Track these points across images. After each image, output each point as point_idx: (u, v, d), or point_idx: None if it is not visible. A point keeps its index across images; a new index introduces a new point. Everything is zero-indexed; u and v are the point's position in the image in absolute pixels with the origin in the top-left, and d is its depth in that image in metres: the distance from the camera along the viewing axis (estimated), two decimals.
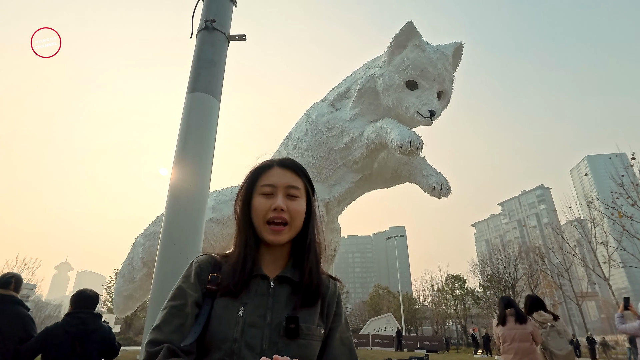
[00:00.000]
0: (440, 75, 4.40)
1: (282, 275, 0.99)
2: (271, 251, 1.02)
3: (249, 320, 0.89)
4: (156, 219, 6.61)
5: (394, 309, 41.58)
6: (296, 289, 0.98)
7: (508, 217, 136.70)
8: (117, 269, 9.91)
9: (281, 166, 1.05)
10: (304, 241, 1.03)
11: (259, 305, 0.92)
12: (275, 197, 0.99)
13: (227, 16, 2.78)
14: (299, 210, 1.00)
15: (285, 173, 1.03)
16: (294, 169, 1.05)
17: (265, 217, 0.98)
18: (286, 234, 0.99)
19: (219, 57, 2.59)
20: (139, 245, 6.69)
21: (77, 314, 3.02)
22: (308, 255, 1.02)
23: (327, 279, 1.06)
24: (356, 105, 4.84)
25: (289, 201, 1.00)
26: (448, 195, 4.51)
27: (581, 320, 36.07)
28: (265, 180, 1.02)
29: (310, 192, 1.06)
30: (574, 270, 29.89)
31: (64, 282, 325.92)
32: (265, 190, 1.00)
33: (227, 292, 0.92)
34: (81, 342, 2.89)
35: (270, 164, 1.06)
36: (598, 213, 21.62)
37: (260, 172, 1.04)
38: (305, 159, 5.07)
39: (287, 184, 1.01)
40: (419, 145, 3.99)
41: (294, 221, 0.99)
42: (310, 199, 1.06)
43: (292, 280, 0.99)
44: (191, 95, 2.43)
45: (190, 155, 2.27)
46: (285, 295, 0.97)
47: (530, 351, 3.72)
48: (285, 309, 0.94)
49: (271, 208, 0.97)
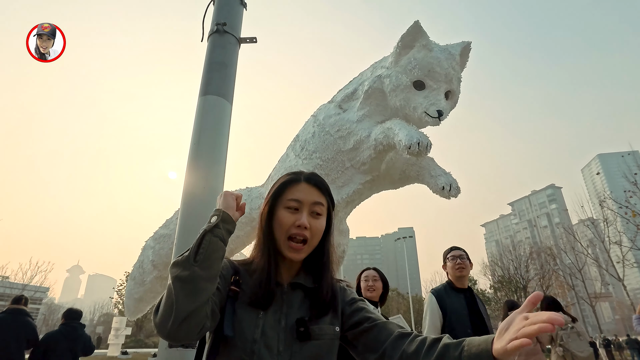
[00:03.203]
0: (447, 75, 4.37)
1: (295, 282, 1.02)
2: (288, 261, 1.04)
3: (267, 323, 0.93)
4: (166, 222, 6.66)
5: (403, 310, 41.34)
6: (308, 294, 1.01)
7: (518, 217, 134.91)
8: (128, 272, 10.04)
9: (308, 182, 1.06)
10: (319, 257, 1.05)
11: (275, 310, 0.96)
12: (300, 213, 1.01)
13: (237, 19, 2.81)
14: (319, 229, 1.03)
15: (312, 190, 1.05)
16: (320, 186, 1.07)
17: (288, 232, 1.00)
18: (304, 252, 1.01)
19: (230, 59, 2.62)
20: (149, 248, 6.75)
21: (70, 323, 4.68)
22: (326, 272, 1.04)
23: (335, 284, 1.08)
24: (363, 107, 4.83)
25: (312, 219, 1.02)
26: (457, 196, 4.47)
27: (595, 322, 35.43)
28: (291, 194, 1.03)
29: (331, 210, 1.09)
30: (587, 270, 29.42)
31: (76, 285, 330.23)
32: (291, 205, 1.02)
33: (253, 302, 0.95)
34: (72, 344, 4.39)
35: (297, 178, 1.07)
36: (611, 212, 21.23)
37: (287, 186, 1.05)
38: (312, 160, 5.07)
39: (313, 201, 1.03)
40: (427, 146, 3.97)
41: (312, 239, 1.01)
42: (330, 215, 1.08)
43: (304, 286, 1.02)
44: (203, 98, 2.45)
45: (204, 158, 2.29)
46: (297, 301, 1.00)
47: (535, 352, 3.75)
48: (298, 313, 0.97)
49: (295, 224, 0.99)
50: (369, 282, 2.95)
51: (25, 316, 4.35)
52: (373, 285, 2.94)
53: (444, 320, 2.79)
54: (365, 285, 2.96)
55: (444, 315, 2.80)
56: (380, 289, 2.96)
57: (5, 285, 27.70)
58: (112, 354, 22.67)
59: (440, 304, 2.85)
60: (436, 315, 2.81)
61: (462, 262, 3.01)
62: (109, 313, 49.06)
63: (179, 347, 1.84)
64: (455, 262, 3.03)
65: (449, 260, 3.09)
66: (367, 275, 3.03)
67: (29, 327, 4.27)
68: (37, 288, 28.09)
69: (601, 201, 21.33)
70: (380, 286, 2.97)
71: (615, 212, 20.24)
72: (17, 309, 4.33)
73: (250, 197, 5.92)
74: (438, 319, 2.80)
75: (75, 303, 70.01)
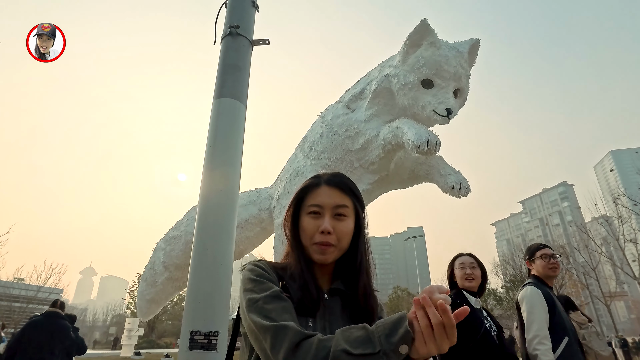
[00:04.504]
0: (456, 73, 4.33)
1: (334, 287, 0.99)
2: (319, 266, 1.01)
3: (316, 331, 0.88)
4: (176, 223, 6.73)
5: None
6: (346, 302, 0.98)
7: (529, 216, 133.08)
8: (140, 274, 10.18)
9: (329, 184, 1.02)
10: (352, 261, 1.01)
11: (320, 318, 0.93)
12: (322, 217, 0.97)
13: (250, 21, 2.83)
14: (345, 231, 0.98)
15: (333, 192, 1.00)
16: (342, 187, 1.02)
17: (313, 239, 0.97)
18: (332, 254, 0.97)
19: (243, 62, 2.63)
20: (160, 249, 6.82)
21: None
22: (360, 275, 1.00)
23: (374, 292, 1.04)
24: (371, 106, 4.81)
25: (336, 222, 0.98)
26: (467, 194, 4.43)
27: (610, 321, 34.78)
28: (312, 199, 1.00)
29: (360, 210, 1.04)
30: (601, 269, 28.90)
31: (89, 287, 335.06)
32: (313, 210, 0.99)
33: (300, 310, 0.90)
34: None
35: (317, 182, 1.04)
36: (625, 209, 20.84)
37: (307, 191, 1.03)
38: (321, 161, 5.08)
39: (335, 204, 0.99)
40: (436, 145, 3.94)
41: (340, 242, 0.97)
42: (359, 216, 1.03)
43: (343, 292, 0.99)
44: (218, 100, 2.47)
45: (220, 160, 2.30)
46: (338, 308, 0.97)
47: None
48: (341, 321, 0.94)
49: (318, 230, 0.96)
50: (467, 270, 2.60)
51: (61, 319, 4.53)
52: (472, 274, 2.59)
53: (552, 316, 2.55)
54: (462, 274, 2.61)
55: (553, 312, 2.55)
56: (479, 278, 2.62)
57: (21, 287, 28.16)
58: (125, 354, 22.93)
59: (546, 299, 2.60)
60: (545, 310, 2.55)
61: (555, 261, 2.79)
62: (121, 314, 49.72)
63: (200, 350, 1.85)
64: (549, 261, 2.79)
65: (541, 258, 2.84)
66: (464, 262, 2.65)
67: (63, 329, 4.44)
68: (52, 290, 28.51)
69: (615, 198, 20.96)
70: (479, 274, 2.62)
71: (629, 210, 19.88)
72: (53, 311, 4.54)
73: (259, 198, 5.95)
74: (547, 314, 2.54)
75: (89, 304, 71.05)
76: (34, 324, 4.38)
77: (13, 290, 27.35)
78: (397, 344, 0.68)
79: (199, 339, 1.86)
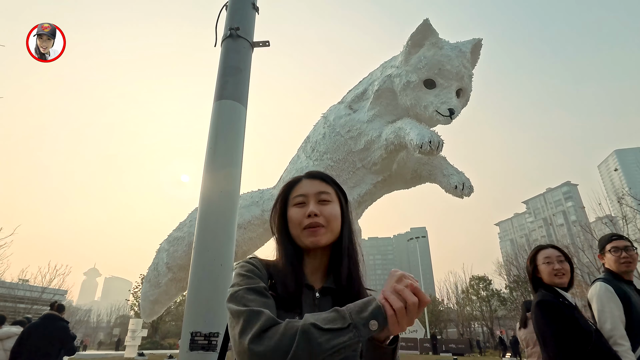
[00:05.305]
0: (458, 73, 4.31)
1: (326, 286, 0.99)
2: (312, 260, 1.03)
3: None
4: (179, 224, 6.74)
5: None
6: (337, 298, 0.98)
7: (533, 216, 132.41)
8: (143, 275, 10.23)
9: (309, 177, 1.10)
10: (340, 246, 1.03)
11: None
12: (307, 205, 1.02)
13: (250, 23, 2.83)
14: (332, 212, 1.02)
15: (314, 182, 1.07)
16: (322, 177, 1.10)
17: (301, 225, 1.00)
18: (324, 235, 0.99)
19: (244, 64, 2.64)
20: (163, 250, 6.83)
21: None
22: (343, 260, 1.01)
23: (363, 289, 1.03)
24: (373, 107, 4.80)
25: (322, 206, 1.02)
26: (470, 195, 4.41)
27: None
28: (296, 192, 1.06)
29: (342, 199, 1.09)
30: None
31: (93, 288, 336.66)
32: (298, 200, 1.04)
33: (282, 306, 0.91)
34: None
35: (299, 178, 1.11)
36: (630, 209, 20.67)
37: (291, 186, 1.09)
38: (323, 161, 5.07)
39: (318, 190, 1.05)
40: (438, 145, 3.92)
41: (330, 223, 1.01)
42: (343, 205, 1.08)
43: (333, 290, 0.99)
44: (219, 102, 2.47)
45: (221, 162, 2.31)
46: (329, 307, 0.94)
47: None
48: None
49: (305, 215, 1.00)
50: (555, 265, 2.29)
51: (59, 321, 4.61)
52: (561, 269, 2.27)
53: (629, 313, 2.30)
54: (550, 270, 2.29)
55: (629, 309, 2.31)
56: (569, 273, 2.31)
57: (25, 288, 28.31)
58: (129, 355, 22.99)
59: (618, 294, 2.34)
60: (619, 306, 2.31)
61: (629, 254, 2.50)
62: (125, 315, 49.81)
63: (200, 350, 1.85)
64: (620, 255, 2.50)
65: (611, 252, 2.57)
66: (550, 257, 2.33)
67: (62, 331, 4.53)
68: (56, 291, 28.65)
69: (619, 198, 20.79)
70: (568, 269, 2.31)
71: (634, 209, 19.73)
72: (50, 314, 4.62)
73: (262, 199, 5.94)
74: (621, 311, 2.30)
75: (93, 305, 71.35)
76: (33, 327, 4.47)
77: (18, 291, 27.49)
78: (367, 318, 0.73)
79: (199, 339, 1.86)
